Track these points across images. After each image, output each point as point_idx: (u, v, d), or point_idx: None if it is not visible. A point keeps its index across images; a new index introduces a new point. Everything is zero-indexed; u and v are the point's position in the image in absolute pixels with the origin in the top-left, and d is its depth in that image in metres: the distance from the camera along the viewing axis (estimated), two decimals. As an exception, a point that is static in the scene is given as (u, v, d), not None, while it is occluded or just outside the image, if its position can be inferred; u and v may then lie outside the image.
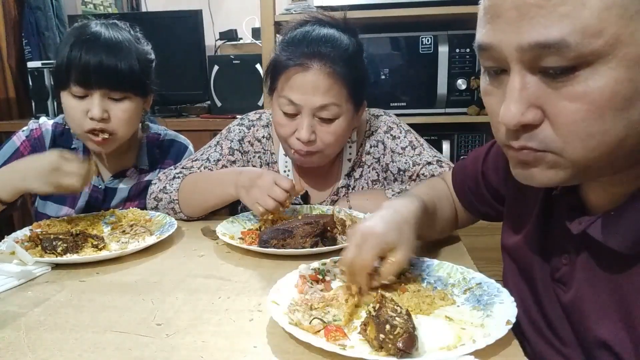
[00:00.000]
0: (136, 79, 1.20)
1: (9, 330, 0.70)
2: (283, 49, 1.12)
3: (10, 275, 0.87)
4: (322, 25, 1.13)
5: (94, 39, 1.15)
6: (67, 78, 1.16)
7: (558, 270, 0.69)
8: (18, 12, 2.51)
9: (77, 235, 0.98)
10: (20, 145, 1.29)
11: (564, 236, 0.66)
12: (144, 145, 1.37)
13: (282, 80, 1.10)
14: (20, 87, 2.52)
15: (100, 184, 1.32)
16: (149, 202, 1.23)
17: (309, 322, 0.65)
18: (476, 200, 0.95)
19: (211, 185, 1.15)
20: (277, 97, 1.13)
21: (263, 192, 1.02)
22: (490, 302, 0.71)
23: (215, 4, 2.71)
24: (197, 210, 1.20)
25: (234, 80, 2.30)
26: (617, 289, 0.60)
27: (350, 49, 1.11)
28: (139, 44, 1.24)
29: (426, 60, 1.98)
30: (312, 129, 1.10)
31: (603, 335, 0.61)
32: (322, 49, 1.07)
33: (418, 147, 1.24)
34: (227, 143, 1.28)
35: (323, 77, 1.07)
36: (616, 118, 0.51)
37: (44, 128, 1.32)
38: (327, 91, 1.07)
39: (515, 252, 0.78)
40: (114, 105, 1.19)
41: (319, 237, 0.97)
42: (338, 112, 1.10)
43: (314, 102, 1.08)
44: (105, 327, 0.71)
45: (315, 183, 1.29)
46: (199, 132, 2.21)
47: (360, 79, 1.13)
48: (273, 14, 1.95)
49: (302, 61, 1.07)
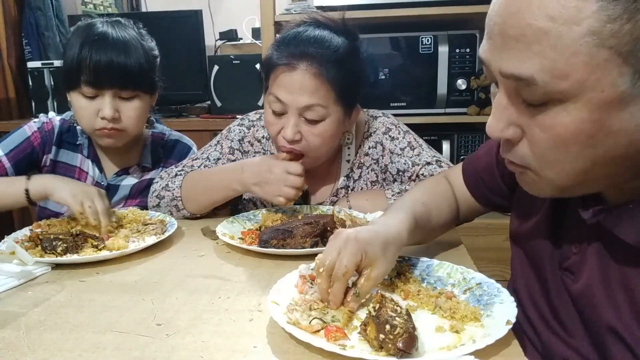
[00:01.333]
0: (145, 77, 1.23)
1: (9, 330, 0.70)
2: (275, 48, 1.13)
3: (10, 275, 0.87)
4: (317, 26, 1.13)
5: (102, 39, 1.17)
6: (77, 79, 1.17)
7: (567, 259, 0.69)
8: (18, 12, 2.51)
9: (77, 235, 0.98)
10: (31, 135, 1.30)
11: (576, 225, 0.67)
12: (148, 144, 1.39)
13: (272, 78, 1.11)
14: (20, 87, 2.52)
15: (103, 180, 1.33)
16: (151, 201, 1.23)
17: (308, 322, 0.65)
18: (490, 191, 0.94)
19: (214, 182, 1.16)
20: (268, 95, 1.14)
21: (279, 184, 1.03)
22: (490, 302, 0.71)
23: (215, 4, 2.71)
24: (201, 207, 1.20)
25: (234, 80, 2.30)
26: (626, 280, 0.61)
27: (340, 51, 1.09)
28: (144, 40, 1.26)
29: (426, 60, 1.98)
30: (297, 129, 1.10)
31: (612, 323, 0.61)
32: (310, 49, 1.07)
33: (417, 147, 1.24)
34: (228, 142, 1.29)
35: (309, 78, 1.06)
36: (581, 152, 0.55)
37: (54, 123, 1.34)
38: (314, 92, 1.07)
39: (525, 239, 0.78)
40: (124, 104, 1.21)
41: (319, 237, 0.97)
42: (324, 114, 1.09)
43: (299, 101, 1.07)
44: (105, 327, 0.71)
45: (314, 184, 1.29)
46: (199, 132, 2.21)
47: (351, 82, 1.12)
48: (273, 14, 1.95)
49: (290, 61, 1.07)
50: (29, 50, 2.53)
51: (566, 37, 0.50)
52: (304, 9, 2.00)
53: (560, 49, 0.51)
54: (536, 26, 0.51)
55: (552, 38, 0.51)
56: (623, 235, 0.59)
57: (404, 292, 0.77)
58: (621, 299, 0.61)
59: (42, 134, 1.31)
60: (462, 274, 0.80)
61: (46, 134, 1.31)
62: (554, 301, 0.71)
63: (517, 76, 0.54)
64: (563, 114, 0.53)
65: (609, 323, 0.62)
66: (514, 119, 0.58)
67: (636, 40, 0.49)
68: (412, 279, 0.81)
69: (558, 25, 0.50)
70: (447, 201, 0.98)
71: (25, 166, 1.28)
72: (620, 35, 0.49)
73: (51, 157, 1.31)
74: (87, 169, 1.33)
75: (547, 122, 0.55)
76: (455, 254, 0.96)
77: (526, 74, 0.53)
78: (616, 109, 0.52)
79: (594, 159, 0.55)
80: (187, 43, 2.41)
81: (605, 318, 0.62)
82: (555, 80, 0.52)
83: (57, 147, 1.32)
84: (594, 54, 0.50)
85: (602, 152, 0.54)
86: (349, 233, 0.73)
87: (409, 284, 0.80)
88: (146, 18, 2.63)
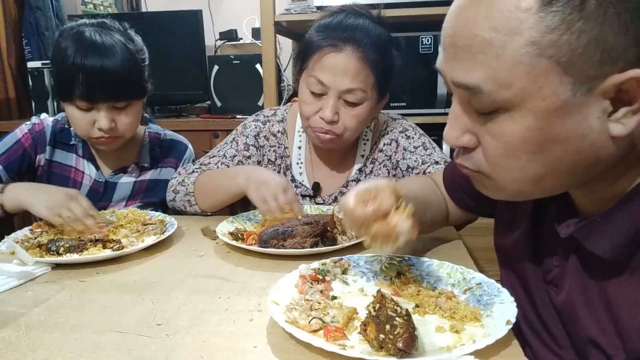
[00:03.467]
0: (137, 86, 1.23)
1: (9, 330, 0.70)
2: (317, 32, 1.16)
3: (10, 275, 0.87)
4: (358, 15, 1.18)
5: (92, 53, 1.15)
6: (70, 92, 1.17)
7: (550, 272, 0.69)
8: (18, 12, 2.51)
9: (96, 241, 0.99)
10: (22, 137, 1.30)
11: (555, 239, 0.67)
12: (146, 144, 1.39)
13: (314, 60, 1.14)
14: (20, 87, 2.52)
15: (101, 177, 1.33)
16: (168, 194, 1.27)
17: (307, 322, 0.65)
18: (468, 197, 0.95)
19: (223, 179, 1.18)
20: (307, 77, 1.17)
21: (270, 193, 1.04)
22: (490, 302, 0.71)
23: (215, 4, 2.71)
24: (210, 203, 1.22)
25: (234, 80, 2.30)
26: (604, 292, 0.61)
27: (382, 39, 1.15)
28: (132, 43, 1.24)
29: (426, 60, 1.98)
30: (335, 110, 1.14)
31: (593, 335, 0.61)
32: (356, 34, 1.12)
33: (430, 148, 1.28)
34: (243, 139, 1.32)
35: (354, 61, 1.10)
36: (531, 159, 0.56)
37: (45, 123, 1.34)
38: (356, 75, 1.11)
39: (509, 253, 0.79)
40: (119, 113, 1.22)
41: (319, 237, 0.97)
42: (363, 98, 1.14)
43: (342, 84, 1.12)
44: (105, 327, 0.71)
45: (327, 175, 1.32)
46: (199, 132, 2.21)
47: (388, 70, 1.18)
48: (273, 14, 1.95)
49: (336, 42, 1.11)
50: (29, 50, 2.52)
51: (509, 47, 0.52)
52: (304, 9, 2.00)
53: (503, 59, 0.52)
54: (481, 37, 0.53)
55: (495, 48, 0.52)
56: (593, 248, 0.59)
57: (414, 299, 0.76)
58: (601, 312, 0.61)
59: (33, 134, 1.31)
60: (462, 274, 0.80)
61: (37, 134, 1.31)
62: (541, 313, 0.71)
63: (465, 85, 0.56)
64: (510, 122, 0.55)
65: (591, 336, 0.62)
66: (468, 126, 0.60)
67: (574, 51, 0.49)
68: (412, 279, 0.81)
69: (501, 36, 0.52)
70: (436, 194, 1.01)
71: (17, 168, 1.28)
72: (558, 46, 0.50)
73: (46, 157, 1.31)
74: (82, 168, 1.34)
75: (497, 130, 0.57)
76: (455, 254, 0.96)
77: (473, 82, 0.55)
78: (560, 118, 0.53)
79: (544, 166, 0.56)
80: (187, 43, 2.40)
81: (588, 331, 0.62)
82: (499, 89, 0.54)
83: (52, 147, 1.32)
84: (534, 63, 0.51)
85: (552, 159, 0.55)
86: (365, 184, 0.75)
87: (409, 284, 0.80)
88: (146, 18, 2.64)
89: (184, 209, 1.24)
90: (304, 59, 1.18)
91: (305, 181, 1.31)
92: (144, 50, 1.28)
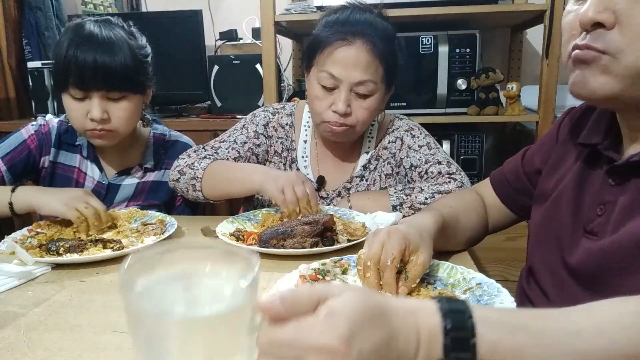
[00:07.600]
0: (133, 78, 1.21)
1: (9, 330, 0.70)
2: (326, 27, 1.18)
3: (10, 275, 0.87)
4: (362, 11, 1.20)
5: (88, 41, 1.16)
6: (65, 81, 1.17)
7: (591, 222, 0.72)
8: (18, 12, 2.51)
9: (96, 241, 0.99)
10: (28, 138, 1.30)
11: (602, 188, 0.71)
12: (151, 145, 1.39)
13: (325, 55, 1.16)
14: (20, 87, 2.52)
15: (104, 179, 1.33)
16: (172, 174, 1.26)
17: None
18: (514, 191, 0.98)
19: (238, 172, 1.19)
20: (317, 72, 1.18)
21: (288, 183, 1.05)
22: (490, 302, 0.71)
23: (215, 4, 2.71)
24: (217, 194, 1.22)
25: (234, 80, 2.30)
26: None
27: (388, 33, 1.19)
28: (134, 39, 1.24)
29: (426, 60, 1.98)
30: (348, 102, 1.16)
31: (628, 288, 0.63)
32: (365, 28, 1.15)
33: (434, 148, 1.28)
34: (253, 127, 1.33)
35: (365, 53, 1.13)
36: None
37: (51, 124, 1.33)
38: (367, 68, 1.14)
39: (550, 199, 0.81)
40: (113, 105, 1.21)
41: (319, 237, 0.97)
42: (373, 89, 1.17)
43: (353, 76, 1.14)
44: (105, 327, 0.71)
45: (332, 170, 1.33)
46: (199, 132, 2.20)
47: (394, 63, 1.21)
48: (273, 14, 1.95)
49: (346, 36, 1.14)
50: (29, 50, 2.52)
51: None
52: (304, 9, 2.00)
53: None
54: None
55: None
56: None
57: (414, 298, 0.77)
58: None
59: (39, 136, 1.31)
60: (462, 274, 0.80)
61: (43, 136, 1.31)
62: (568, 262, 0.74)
63: None
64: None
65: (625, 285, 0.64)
66: (610, 4, 0.63)
67: None
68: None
69: None
70: (475, 208, 1.01)
71: (21, 169, 1.28)
72: None
73: (50, 159, 1.31)
74: (85, 170, 1.33)
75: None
76: (455, 254, 0.96)
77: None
78: None
79: None
80: (187, 43, 2.40)
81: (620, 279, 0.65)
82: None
83: (56, 148, 1.32)
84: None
85: None
86: (388, 228, 0.78)
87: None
88: (146, 18, 2.63)
89: (185, 192, 1.24)
90: (312, 56, 1.20)
91: (309, 175, 1.32)
92: (146, 48, 1.28)
